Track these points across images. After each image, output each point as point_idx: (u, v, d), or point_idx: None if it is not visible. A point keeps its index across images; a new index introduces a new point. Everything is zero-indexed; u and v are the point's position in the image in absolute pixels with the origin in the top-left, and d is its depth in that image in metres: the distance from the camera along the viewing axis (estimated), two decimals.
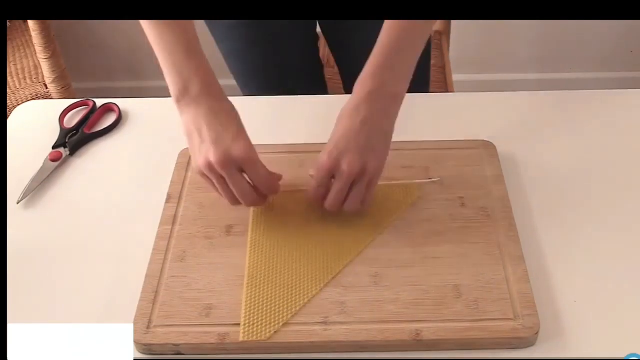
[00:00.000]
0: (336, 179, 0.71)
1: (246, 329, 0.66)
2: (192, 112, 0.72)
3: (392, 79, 0.73)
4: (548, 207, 0.79)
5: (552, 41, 2.03)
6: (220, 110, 0.73)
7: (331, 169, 0.70)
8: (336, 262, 0.72)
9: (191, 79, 0.73)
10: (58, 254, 0.76)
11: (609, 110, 0.93)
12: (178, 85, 0.73)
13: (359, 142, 0.70)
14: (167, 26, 0.74)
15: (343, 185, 0.71)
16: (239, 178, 0.71)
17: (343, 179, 0.70)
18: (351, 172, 0.70)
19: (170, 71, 0.74)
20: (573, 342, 0.65)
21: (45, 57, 1.64)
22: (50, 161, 0.87)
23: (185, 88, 0.73)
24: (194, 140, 0.72)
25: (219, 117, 0.72)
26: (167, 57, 0.74)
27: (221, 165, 0.70)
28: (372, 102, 0.72)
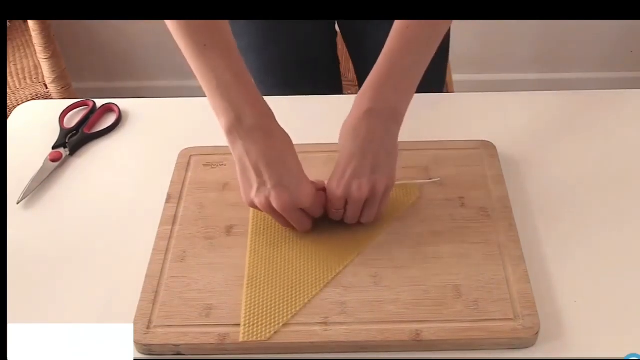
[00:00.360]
0: (349, 204, 0.72)
1: (246, 329, 0.66)
2: (246, 146, 0.69)
3: (392, 95, 0.72)
4: (548, 207, 0.79)
5: (552, 41, 2.03)
6: (278, 146, 0.70)
7: (343, 197, 0.71)
8: (336, 262, 0.72)
9: (244, 109, 0.69)
10: (58, 254, 0.76)
11: (609, 110, 0.93)
12: (229, 116, 0.69)
13: (364, 166, 0.70)
14: (212, 50, 0.71)
15: (356, 207, 0.72)
16: (299, 215, 0.72)
17: (355, 203, 0.72)
18: (361, 196, 0.71)
19: (220, 101, 0.70)
20: (573, 342, 0.65)
21: (45, 57, 1.64)
22: (50, 161, 0.87)
23: (238, 119, 0.69)
24: (251, 179, 0.70)
25: (279, 156, 0.70)
26: (215, 85, 0.70)
27: (284, 210, 0.70)
28: (371, 120, 0.71)
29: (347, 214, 0.74)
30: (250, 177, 0.70)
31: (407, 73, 0.73)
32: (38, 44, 1.62)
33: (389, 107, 0.72)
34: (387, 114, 0.72)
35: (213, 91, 0.70)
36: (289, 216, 0.71)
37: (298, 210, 0.71)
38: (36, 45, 1.63)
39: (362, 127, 0.71)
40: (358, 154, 0.70)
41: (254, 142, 0.69)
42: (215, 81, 0.70)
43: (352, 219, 0.74)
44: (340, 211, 0.73)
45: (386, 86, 0.72)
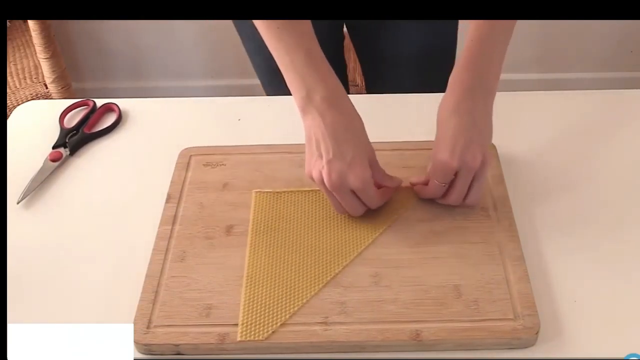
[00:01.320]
0: (460, 175, 0.73)
1: (244, 329, 0.66)
2: (314, 121, 0.72)
3: (486, 72, 0.75)
4: (548, 207, 0.79)
5: (552, 41, 2.03)
6: (342, 124, 0.72)
7: (456, 167, 0.72)
8: (336, 262, 0.72)
9: (315, 86, 0.72)
10: (58, 254, 0.76)
11: (609, 110, 0.93)
12: (301, 92, 0.73)
13: (475, 137, 0.72)
14: (287, 30, 0.73)
15: (467, 179, 0.73)
16: (349, 197, 0.73)
17: (468, 174, 0.72)
18: (476, 165, 0.72)
19: (293, 77, 0.73)
20: (573, 342, 0.65)
21: (45, 57, 1.64)
22: (50, 161, 0.87)
23: (309, 94, 0.72)
24: (312, 151, 0.72)
25: (338, 133, 0.71)
26: (289, 62, 0.73)
27: (334, 188, 0.71)
28: (474, 98, 0.73)
29: (455, 190, 0.74)
30: (312, 149, 0.72)
31: (496, 50, 0.76)
32: (38, 44, 1.62)
33: (484, 84, 0.74)
34: (483, 90, 0.74)
35: (287, 69, 0.74)
36: (339, 195, 0.72)
37: (349, 192, 0.72)
38: (36, 45, 1.63)
39: (466, 104, 0.73)
40: (466, 126, 0.72)
41: (321, 115, 0.72)
42: (289, 59, 0.73)
43: (458, 196, 0.74)
44: (445, 187, 0.74)
45: (481, 65, 0.75)
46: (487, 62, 0.75)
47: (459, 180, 0.73)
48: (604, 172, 0.83)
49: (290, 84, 0.74)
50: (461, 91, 0.74)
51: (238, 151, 0.85)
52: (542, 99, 0.97)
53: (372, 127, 0.75)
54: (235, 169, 0.83)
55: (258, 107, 0.97)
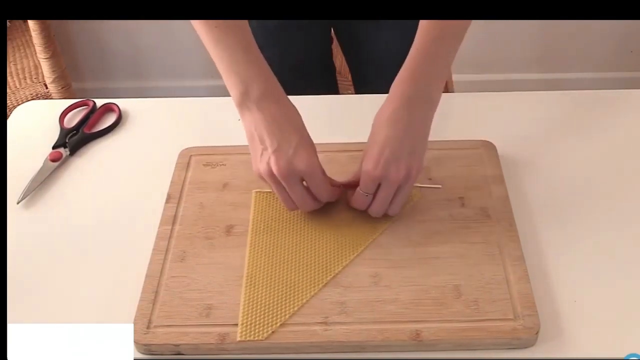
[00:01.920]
0: (383, 187, 0.72)
1: (244, 329, 0.66)
2: (253, 116, 0.72)
3: (429, 83, 0.74)
4: (548, 207, 0.79)
5: (552, 41, 2.03)
6: (282, 116, 0.72)
7: (379, 178, 0.71)
8: (336, 262, 0.72)
9: (252, 82, 0.72)
10: (58, 254, 0.76)
11: (609, 110, 0.93)
12: (239, 88, 0.73)
13: (403, 149, 0.71)
14: (225, 28, 0.73)
15: (390, 191, 0.72)
16: (299, 188, 0.72)
17: (391, 186, 0.71)
18: (399, 178, 0.71)
19: (230, 74, 0.73)
20: (573, 342, 0.65)
21: (45, 57, 1.64)
22: (50, 161, 0.87)
23: (246, 92, 0.72)
24: (256, 147, 0.72)
25: (280, 124, 0.72)
26: (226, 59, 0.73)
27: (283, 176, 0.71)
28: (411, 108, 0.72)
29: (376, 202, 0.73)
30: (256, 146, 0.72)
31: (440, 61, 0.75)
32: (38, 44, 1.62)
33: (425, 94, 0.73)
34: (424, 102, 0.73)
35: (224, 67, 0.74)
36: (289, 185, 0.71)
37: (298, 181, 0.72)
38: (36, 45, 1.63)
39: (401, 114, 0.72)
40: (396, 137, 0.71)
41: (260, 111, 0.72)
42: (227, 57, 0.73)
43: (381, 207, 0.73)
44: (369, 197, 0.73)
45: (422, 74, 0.73)
46: (430, 73, 0.74)
47: (380, 191, 0.72)
48: (604, 172, 0.83)
49: (227, 81, 0.74)
50: (399, 101, 0.72)
51: (238, 151, 0.85)
52: (542, 99, 0.97)
53: (362, 127, 0.74)
54: (235, 169, 0.83)
55: None
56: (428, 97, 0.73)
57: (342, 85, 1.35)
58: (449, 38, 0.75)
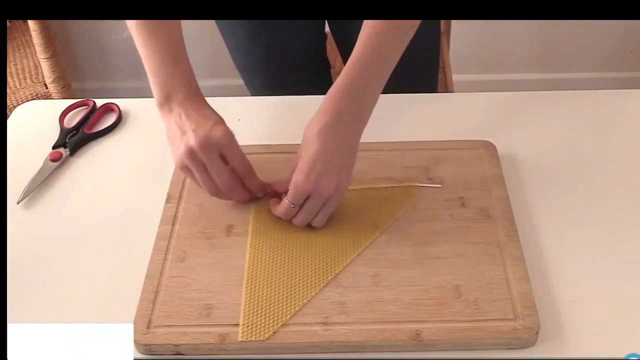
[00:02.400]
0: (310, 199, 0.72)
1: (245, 329, 0.66)
2: (174, 114, 0.75)
3: (364, 98, 0.74)
4: (548, 207, 0.79)
5: (552, 41, 2.03)
6: (200, 107, 0.75)
7: (309, 191, 0.71)
8: (336, 262, 0.72)
9: (175, 88, 0.76)
10: (58, 254, 0.76)
11: (609, 110, 0.93)
12: (163, 92, 0.76)
13: (333, 164, 0.71)
14: (153, 32, 0.76)
15: (318, 204, 0.72)
16: (219, 163, 0.73)
17: (319, 199, 0.72)
18: (329, 192, 0.71)
19: (155, 78, 0.76)
20: (573, 342, 0.65)
21: (45, 57, 1.64)
22: (50, 161, 0.87)
23: (169, 95, 0.75)
24: (176, 137, 0.74)
25: (199, 112, 0.74)
26: (152, 63, 0.77)
27: (202, 149, 0.71)
28: (343, 123, 0.72)
29: (302, 213, 0.73)
30: (175, 137, 0.74)
31: (375, 78, 0.74)
32: (38, 44, 1.62)
33: (356, 110, 0.73)
34: (356, 117, 0.73)
35: (151, 68, 0.77)
36: (210, 163, 0.72)
37: (218, 159, 0.73)
38: (36, 45, 1.63)
39: (333, 128, 0.72)
40: (328, 152, 0.71)
41: (180, 106, 0.75)
42: (155, 63, 0.77)
43: (305, 218, 0.74)
44: (295, 208, 0.73)
45: (355, 90, 0.73)
46: (365, 88, 0.74)
47: (309, 203, 0.72)
48: (604, 172, 0.83)
49: (152, 82, 0.77)
50: (332, 115, 0.72)
51: None
52: (542, 99, 0.97)
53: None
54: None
55: (258, 107, 0.97)
56: (361, 112, 0.74)
57: None
58: (384, 55, 0.75)
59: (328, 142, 0.71)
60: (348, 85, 0.73)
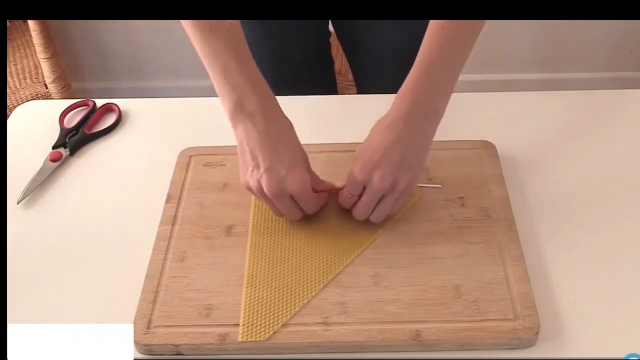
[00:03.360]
0: (366, 191, 0.72)
1: (245, 329, 0.66)
2: (246, 130, 0.71)
3: (432, 97, 0.72)
4: (548, 207, 0.79)
5: (552, 41, 2.03)
6: (275, 131, 0.72)
7: (363, 182, 0.71)
8: (336, 262, 0.72)
9: (246, 94, 0.71)
10: (58, 254, 0.76)
11: (609, 110, 0.93)
12: (232, 100, 0.71)
13: (392, 158, 0.70)
14: (218, 36, 0.72)
15: (372, 198, 0.72)
16: (288, 203, 0.72)
17: (373, 193, 0.71)
18: (381, 187, 0.70)
19: (224, 85, 0.72)
20: (573, 342, 0.65)
21: (45, 57, 1.64)
22: (50, 161, 0.87)
23: (241, 103, 0.71)
24: (246, 160, 0.72)
25: (273, 141, 0.71)
26: (220, 70, 0.72)
27: (273, 195, 0.71)
28: (409, 120, 0.71)
29: (358, 205, 0.73)
30: (247, 160, 0.72)
31: (445, 74, 0.73)
32: (38, 44, 1.62)
33: (427, 108, 0.72)
34: (425, 115, 0.72)
35: (217, 76, 0.72)
36: (279, 202, 0.72)
37: (288, 198, 0.72)
38: (36, 45, 1.63)
39: (398, 125, 0.71)
40: (388, 146, 0.70)
41: (253, 125, 0.71)
42: (220, 66, 0.72)
43: (363, 211, 0.73)
44: (353, 198, 0.73)
45: (425, 87, 0.72)
46: (433, 83, 0.72)
47: (364, 195, 0.72)
48: (604, 172, 0.83)
49: (220, 92, 0.73)
50: (399, 113, 0.71)
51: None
52: (542, 99, 0.97)
53: (362, 127, 0.74)
54: (235, 169, 0.83)
55: None
56: (430, 110, 0.72)
57: (341, 85, 1.36)
58: (452, 50, 0.73)
59: (391, 137, 0.70)
60: (415, 82, 0.72)
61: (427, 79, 0.72)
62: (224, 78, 0.72)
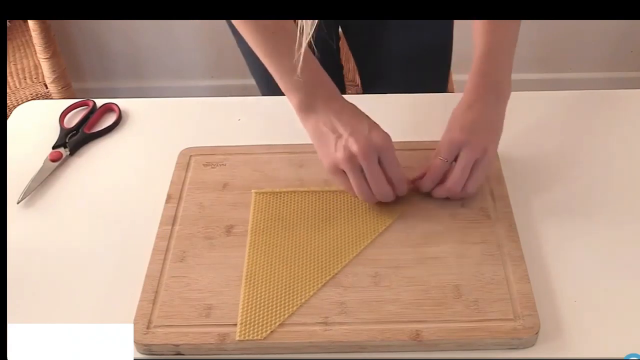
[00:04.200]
0: (463, 154, 0.74)
1: (243, 328, 0.66)
2: (320, 115, 0.75)
3: (499, 82, 0.78)
4: (548, 207, 0.79)
5: (552, 41, 2.03)
6: (347, 107, 0.75)
7: (462, 142, 0.73)
8: (335, 262, 0.72)
9: (314, 91, 0.75)
10: (58, 254, 0.76)
11: (609, 110, 0.93)
12: (300, 95, 0.75)
13: (481, 127, 0.75)
14: (282, 38, 0.75)
15: (470, 159, 0.74)
16: (378, 169, 0.73)
17: (472, 152, 0.73)
18: (480, 148, 0.73)
19: (291, 82, 0.75)
20: (573, 342, 0.65)
21: (45, 57, 1.64)
22: (50, 161, 0.87)
23: (309, 101, 0.75)
24: (329, 139, 0.74)
25: (349, 113, 0.75)
26: (286, 67, 0.75)
27: (364, 154, 0.71)
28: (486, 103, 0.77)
29: (454, 173, 0.74)
30: (327, 139, 0.74)
31: (506, 62, 0.80)
32: (38, 44, 1.62)
33: (497, 89, 0.78)
34: (496, 98, 0.77)
35: (283, 73, 0.76)
36: (369, 167, 0.72)
37: (376, 161, 0.72)
38: (36, 45, 1.63)
39: (478, 105, 0.76)
40: (474, 118, 0.75)
41: (327, 109, 0.75)
42: (287, 63, 0.73)
43: (459, 177, 0.74)
44: (446, 164, 0.75)
45: (493, 76, 0.78)
46: (499, 71, 0.79)
47: (462, 157, 0.74)
48: (604, 172, 0.83)
49: (287, 89, 0.75)
50: (475, 97, 0.77)
51: (238, 151, 0.85)
52: (542, 99, 0.97)
53: None
54: (235, 169, 0.83)
55: (258, 107, 0.97)
56: (499, 94, 0.78)
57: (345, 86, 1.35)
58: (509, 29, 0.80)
59: (473, 113, 0.75)
60: (481, 72, 0.78)
61: (493, 68, 0.79)
62: (289, 77, 0.74)
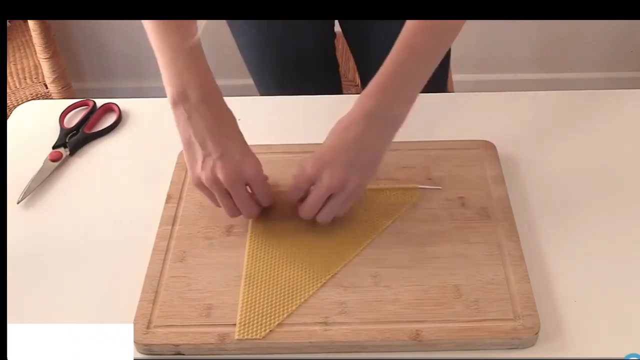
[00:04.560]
0: (314, 189, 0.71)
1: (242, 327, 0.66)
2: (192, 121, 0.71)
3: (394, 101, 0.71)
4: (548, 207, 0.79)
5: (552, 41, 2.03)
6: (223, 120, 0.72)
7: (312, 177, 0.70)
8: (335, 262, 0.72)
9: (191, 84, 0.71)
10: (58, 254, 0.76)
11: (609, 110, 0.93)
12: (177, 88, 0.71)
13: (345, 158, 0.69)
14: (171, 27, 0.72)
15: (319, 196, 0.71)
16: (244, 193, 0.72)
17: (320, 190, 0.71)
18: (330, 185, 0.70)
19: (171, 73, 0.72)
20: (573, 342, 0.65)
21: (45, 57, 1.64)
22: (50, 161, 0.87)
23: (184, 93, 0.71)
24: (196, 152, 0.71)
25: (223, 129, 0.71)
26: (168, 58, 0.72)
27: (230, 183, 0.70)
28: (368, 122, 0.70)
29: (305, 203, 0.72)
30: (195, 152, 0.71)
31: (411, 80, 0.72)
32: (38, 44, 1.62)
33: (389, 112, 0.71)
34: (385, 118, 0.71)
35: (166, 64, 0.72)
36: (235, 191, 0.70)
37: (243, 187, 0.71)
38: (36, 45, 1.63)
39: (356, 127, 0.70)
40: (342, 147, 0.70)
41: (200, 116, 0.70)
42: (169, 54, 0.72)
43: (309, 209, 0.72)
44: (300, 192, 0.72)
45: (389, 91, 0.71)
46: (396, 89, 0.71)
47: (311, 192, 0.71)
48: (604, 172, 0.83)
49: (165, 80, 0.72)
50: (359, 115, 0.71)
51: None
52: (542, 99, 0.97)
53: None
54: None
55: (258, 107, 0.97)
56: (391, 115, 0.71)
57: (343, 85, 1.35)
58: (422, 57, 0.72)
59: (346, 138, 0.70)
60: (378, 86, 0.71)
61: (393, 84, 0.71)
62: (172, 67, 0.71)
